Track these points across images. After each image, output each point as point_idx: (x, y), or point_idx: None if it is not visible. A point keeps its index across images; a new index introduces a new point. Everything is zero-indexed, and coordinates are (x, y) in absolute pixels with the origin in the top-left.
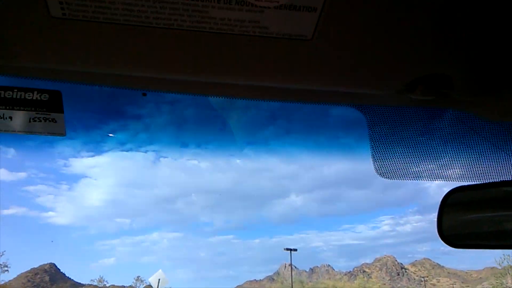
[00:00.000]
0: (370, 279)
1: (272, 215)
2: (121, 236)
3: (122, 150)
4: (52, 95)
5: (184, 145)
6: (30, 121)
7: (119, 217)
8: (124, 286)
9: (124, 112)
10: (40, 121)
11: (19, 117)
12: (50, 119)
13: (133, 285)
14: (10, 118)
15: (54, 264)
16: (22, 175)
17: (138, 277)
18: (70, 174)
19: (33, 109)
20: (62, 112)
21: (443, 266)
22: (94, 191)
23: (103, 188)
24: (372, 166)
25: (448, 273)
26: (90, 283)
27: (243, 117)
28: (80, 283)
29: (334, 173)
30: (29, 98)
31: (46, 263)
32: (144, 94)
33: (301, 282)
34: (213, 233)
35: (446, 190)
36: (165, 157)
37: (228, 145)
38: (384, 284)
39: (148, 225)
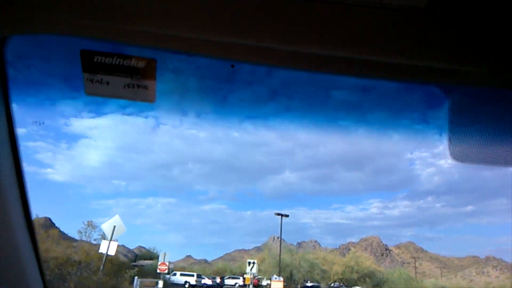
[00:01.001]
0: (361, 254)
1: (265, 190)
2: (116, 197)
3: (123, 114)
4: (148, 63)
5: (184, 113)
6: (124, 87)
7: (116, 179)
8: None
9: None
10: (133, 87)
11: (115, 83)
12: (142, 86)
13: (81, 231)
14: (107, 83)
15: (49, 218)
16: (22, 131)
17: (90, 222)
18: (70, 133)
19: (128, 75)
20: (155, 79)
21: (426, 251)
22: (93, 152)
23: (102, 150)
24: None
25: (431, 257)
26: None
27: (245, 92)
28: (74, 237)
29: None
30: (126, 65)
31: (41, 217)
32: (232, 66)
33: (290, 251)
34: (206, 201)
35: (436, 179)
36: (164, 124)
37: (227, 117)
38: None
39: (143, 189)
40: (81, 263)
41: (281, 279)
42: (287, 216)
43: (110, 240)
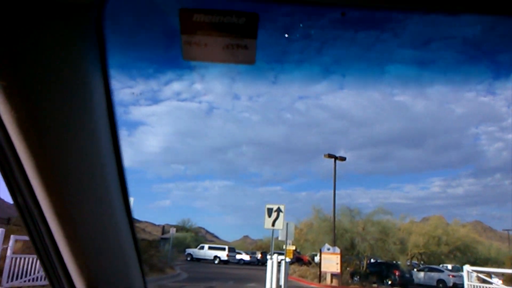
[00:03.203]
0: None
1: (319, 171)
2: (175, 181)
3: (178, 100)
4: (249, 18)
5: (237, 97)
6: (223, 48)
7: (174, 163)
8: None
9: (180, 63)
10: (233, 48)
11: (214, 44)
12: (242, 46)
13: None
14: (205, 45)
15: None
16: None
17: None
18: (129, 121)
19: (228, 34)
20: (256, 38)
21: (495, 230)
22: (152, 138)
23: (160, 136)
24: None
25: (501, 237)
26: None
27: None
28: (137, 219)
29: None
30: (226, 22)
31: None
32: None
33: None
34: (261, 183)
35: (505, 154)
36: (217, 108)
37: (279, 98)
38: None
39: (200, 172)
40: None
41: (337, 250)
42: (343, 159)
43: None
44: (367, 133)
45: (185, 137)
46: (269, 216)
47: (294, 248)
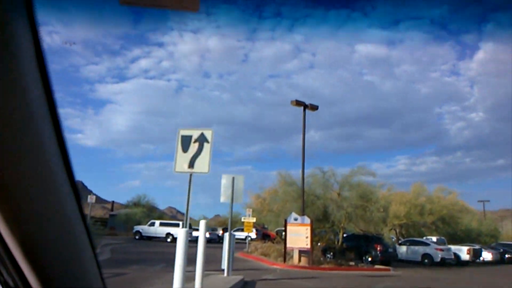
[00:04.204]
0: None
1: (290, 150)
2: (146, 161)
3: (146, 78)
4: None
5: (207, 75)
6: None
7: (144, 143)
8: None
9: (147, 39)
10: None
11: None
12: None
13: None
14: None
15: (81, 182)
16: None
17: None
18: (96, 99)
19: None
20: None
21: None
22: (120, 116)
23: (128, 115)
24: None
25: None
26: (114, 200)
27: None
28: (105, 199)
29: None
30: None
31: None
32: None
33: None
34: (232, 163)
35: (466, 133)
36: (187, 87)
37: (249, 77)
38: None
39: (171, 152)
40: None
41: (307, 220)
42: (315, 108)
43: None
44: (337, 112)
45: (154, 116)
46: (185, 150)
47: (254, 220)
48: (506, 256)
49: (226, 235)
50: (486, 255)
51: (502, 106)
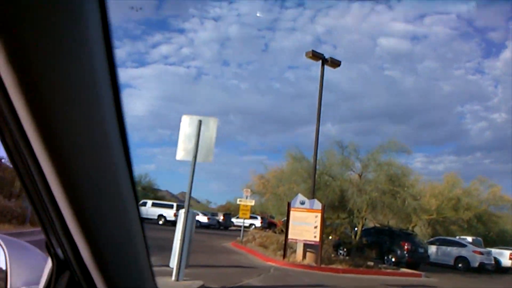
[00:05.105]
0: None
1: (306, 142)
2: (161, 146)
3: (166, 64)
4: None
5: (226, 63)
6: None
7: (161, 128)
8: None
9: (169, 25)
10: None
11: None
12: None
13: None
14: None
15: None
16: None
17: None
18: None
19: None
20: None
21: None
22: (138, 101)
23: (146, 100)
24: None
25: None
26: None
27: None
28: None
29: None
30: None
31: None
32: None
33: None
34: (247, 152)
35: (488, 134)
36: (206, 74)
37: (268, 67)
38: None
39: None
40: None
41: (317, 205)
42: (337, 64)
43: None
44: (355, 107)
45: (172, 102)
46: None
47: (252, 203)
48: None
49: (181, 212)
50: None
51: None
